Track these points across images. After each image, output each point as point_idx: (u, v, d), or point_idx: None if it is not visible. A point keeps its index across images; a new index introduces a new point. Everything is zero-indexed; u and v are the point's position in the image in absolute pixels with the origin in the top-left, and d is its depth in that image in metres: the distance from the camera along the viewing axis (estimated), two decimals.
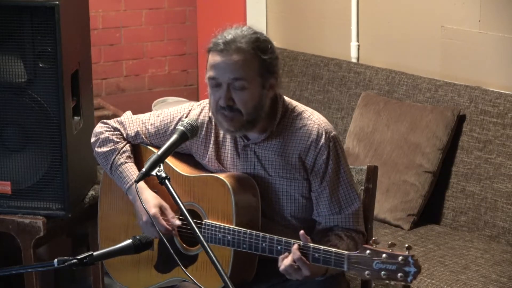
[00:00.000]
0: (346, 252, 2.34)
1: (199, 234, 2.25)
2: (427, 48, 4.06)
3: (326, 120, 2.65)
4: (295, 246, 2.39)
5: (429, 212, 3.71)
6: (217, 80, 2.52)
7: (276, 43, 4.76)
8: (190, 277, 2.40)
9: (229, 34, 2.53)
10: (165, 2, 5.16)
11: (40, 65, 3.15)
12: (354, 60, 4.37)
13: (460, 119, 3.69)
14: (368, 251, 2.28)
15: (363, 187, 2.83)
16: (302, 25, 4.70)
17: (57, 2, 3.08)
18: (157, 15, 5.15)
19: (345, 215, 2.61)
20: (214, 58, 2.52)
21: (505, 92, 3.62)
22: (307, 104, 2.77)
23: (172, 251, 2.39)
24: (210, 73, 2.53)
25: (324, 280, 2.57)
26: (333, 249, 2.36)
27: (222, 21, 2.66)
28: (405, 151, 3.73)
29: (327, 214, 2.61)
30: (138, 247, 2.30)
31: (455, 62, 3.94)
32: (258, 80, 2.53)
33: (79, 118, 3.36)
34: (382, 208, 3.67)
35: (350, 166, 2.84)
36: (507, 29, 3.71)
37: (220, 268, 2.17)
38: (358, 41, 4.38)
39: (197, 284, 2.39)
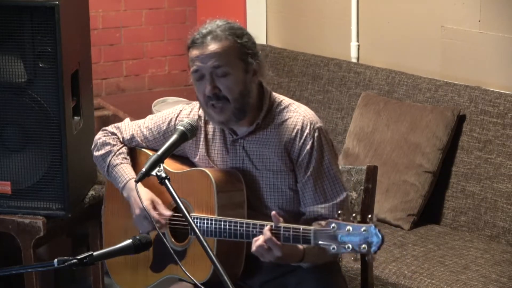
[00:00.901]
0: (312, 227, 2.35)
1: (196, 228, 2.26)
2: (427, 48, 4.06)
3: (312, 113, 2.68)
4: (267, 227, 2.42)
5: (429, 212, 3.71)
6: (200, 72, 2.58)
7: (276, 43, 4.82)
8: (184, 272, 2.41)
9: (205, 28, 2.60)
10: (165, 2, 5.16)
11: (40, 65, 3.15)
12: (354, 60, 4.37)
13: (460, 119, 3.69)
14: (333, 225, 2.28)
15: (363, 187, 2.83)
16: (302, 25, 4.70)
17: (57, 2, 3.08)
18: (157, 15, 5.15)
19: (330, 205, 2.61)
20: (193, 52, 2.59)
21: (505, 92, 3.62)
22: (307, 104, 2.77)
23: (168, 244, 2.46)
24: (192, 68, 2.59)
25: (320, 276, 2.59)
26: (301, 226, 2.38)
27: None
28: (405, 151, 3.72)
29: (312, 204, 2.62)
30: (138, 247, 2.30)
31: (455, 62, 3.94)
32: (240, 64, 2.57)
33: (79, 118, 3.36)
34: (382, 208, 3.67)
35: (350, 166, 2.84)
36: (507, 29, 3.71)
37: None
38: (358, 41, 4.38)
39: (191, 278, 2.40)
